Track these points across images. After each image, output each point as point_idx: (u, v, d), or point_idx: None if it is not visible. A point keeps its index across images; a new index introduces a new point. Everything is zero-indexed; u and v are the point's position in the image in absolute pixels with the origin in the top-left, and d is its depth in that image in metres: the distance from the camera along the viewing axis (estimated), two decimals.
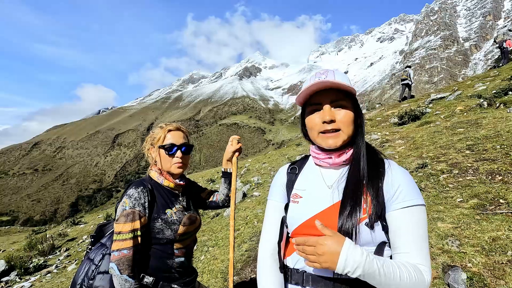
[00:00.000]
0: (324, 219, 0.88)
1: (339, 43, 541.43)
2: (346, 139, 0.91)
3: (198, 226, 1.52)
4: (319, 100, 0.92)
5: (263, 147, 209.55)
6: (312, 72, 0.99)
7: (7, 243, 15.70)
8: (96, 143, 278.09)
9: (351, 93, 0.91)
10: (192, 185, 1.65)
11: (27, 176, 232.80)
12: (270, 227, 1.04)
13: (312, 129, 0.95)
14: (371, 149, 0.97)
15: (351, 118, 0.91)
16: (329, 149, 0.94)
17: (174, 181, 1.42)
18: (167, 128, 1.43)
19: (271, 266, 0.99)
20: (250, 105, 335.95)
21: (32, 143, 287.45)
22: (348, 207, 0.85)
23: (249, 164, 13.66)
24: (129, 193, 1.28)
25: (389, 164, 0.93)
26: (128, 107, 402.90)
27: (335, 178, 0.95)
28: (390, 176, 0.89)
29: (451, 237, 2.56)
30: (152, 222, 1.30)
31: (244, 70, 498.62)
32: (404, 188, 0.86)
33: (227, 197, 1.67)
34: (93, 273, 1.29)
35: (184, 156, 1.44)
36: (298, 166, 1.08)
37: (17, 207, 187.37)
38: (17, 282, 6.46)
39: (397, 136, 7.20)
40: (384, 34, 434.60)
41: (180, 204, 1.44)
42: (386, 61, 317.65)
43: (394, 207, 0.85)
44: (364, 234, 0.83)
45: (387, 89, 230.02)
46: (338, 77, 0.91)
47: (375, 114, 12.96)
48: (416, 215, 0.84)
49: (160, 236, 1.31)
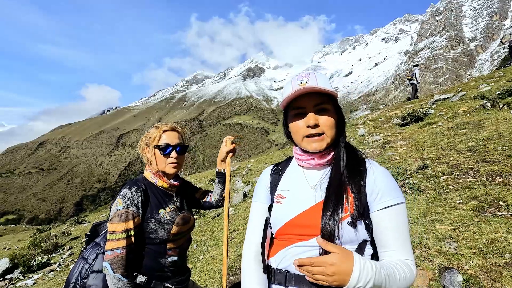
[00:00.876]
0: (308, 218, 0.90)
1: (343, 44, 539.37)
2: (329, 142, 0.94)
3: (191, 226, 1.53)
4: (302, 104, 0.93)
5: (267, 148, 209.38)
6: (293, 75, 0.98)
7: (12, 241, 15.89)
8: (101, 143, 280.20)
9: (333, 96, 0.94)
10: (187, 185, 1.65)
11: (33, 175, 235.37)
12: (254, 228, 1.05)
13: (296, 133, 0.96)
14: (352, 149, 1.00)
15: (334, 122, 0.93)
16: (313, 152, 0.96)
17: (168, 181, 1.43)
18: (162, 128, 1.44)
19: (255, 267, 1.00)
20: (253, 106, 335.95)
21: (38, 142, 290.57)
22: (331, 206, 0.87)
23: (252, 164, 13.68)
24: (122, 193, 1.29)
25: (370, 163, 0.96)
26: (133, 107, 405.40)
27: (317, 179, 0.97)
28: (371, 175, 0.92)
29: (449, 239, 2.55)
30: (146, 222, 1.31)
31: (247, 71, 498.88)
32: (386, 187, 0.89)
33: (221, 197, 1.68)
34: (87, 272, 1.30)
35: (179, 157, 1.44)
36: (281, 167, 1.10)
37: (22, 205, 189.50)
38: (21, 279, 6.55)
39: (399, 137, 7.17)
40: (388, 34, 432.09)
41: (174, 204, 1.45)
42: (391, 62, 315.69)
43: (378, 207, 0.88)
44: (346, 233, 0.85)
45: (391, 89, 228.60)
46: (320, 81, 0.92)
47: (378, 114, 12.91)
48: (399, 213, 0.87)
49: (153, 236, 1.32)
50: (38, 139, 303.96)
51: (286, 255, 0.93)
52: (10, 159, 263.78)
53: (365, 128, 10.56)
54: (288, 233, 0.93)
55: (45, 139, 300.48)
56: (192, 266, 3.82)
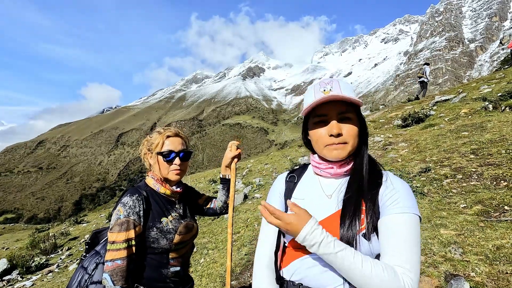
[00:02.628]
0: (325, 228, 0.85)
1: (343, 44, 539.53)
2: (351, 151, 0.91)
3: (195, 234, 1.48)
4: (325, 111, 0.90)
5: (266, 148, 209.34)
6: (316, 82, 0.97)
7: (11, 240, 15.82)
8: (100, 142, 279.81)
9: (356, 105, 0.91)
10: (190, 191, 1.61)
11: (32, 174, 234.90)
12: (266, 237, 1.03)
13: (317, 142, 0.93)
14: (372, 160, 0.97)
15: (357, 131, 0.91)
16: (333, 160, 0.93)
17: (170, 188, 1.39)
18: (165, 133, 1.38)
19: (267, 276, 0.98)
20: (253, 105, 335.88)
21: (37, 141, 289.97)
22: (349, 217, 0.85)
23: (251, 165, 13.62)
24: (123, 201, 1.24)
25: (387, 175, 0.93)
26: (132, 107, 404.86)
27: (334, 188, 0.95)
28: (386, 187, 0.89)
29: (454, 245, 2.51)
30: (147, 231, 1.26)
31: (247, 70, 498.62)
32: (400, 197, 0.85)
33: (225, 204, 1.63)
34: (86, 282, 1.25)
35: (182, 163, 1.39)
36: (296, 175, 1.07)
37: (21, 204, 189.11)
38: (19, 281, 6.49)
39: (400, 139, 7.13)
40: (388, 35, 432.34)
41: (177, 212, 1.40)
42: (390, 62, 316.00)
43: (386, 213, 0.85)
44: (362, 246, 0.82)
45: (391, 90, 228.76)
46: (345, 89, 0.90)
47: (379, 115, 12.87)
48: (408, 222, 0.81)
49: (155, 245, 1.27)
50: (38, 138, 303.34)
51: (300, 267, 0.90)
52: (9, 158, 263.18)
53: None
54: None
55: (45, 138, 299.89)
56: (193, 270, 3.78)
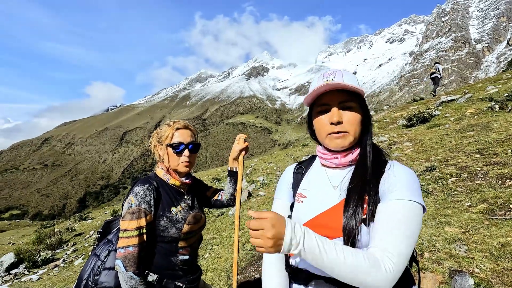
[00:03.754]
0: (328, 218, 0.88)
1: (347, 44, 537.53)
2: (353, 141, 0.91)
3: (203, 225, 1.52)
4: (327, 101, 0.91)
5: (269, 147, 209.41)
6: (320, 72, 0.98)
7: (16, 236, 16.04)
8: (104, 140, 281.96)
9: (359, 93, 0.92)
10: (198, 183, 1.64)
11: (37, 171, 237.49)
12: None
13: (320, 130, 0.94)
14: (377, 149, 0.97)
15: (358, 120, 0.91)
16: (336, 150, 0.94)
17: (180, 179, 1.42)
18: (175, 126, 1.42)
19: (275, 265, 1.00)
20: (257, 105, 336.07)
21: (42, 139, 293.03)
22: (352, 206, 0.84)
23: (255, 163, 13.67)
24: (135, 191, 1.29)
25: (392, 164, 0.91)
26: (136, 105, 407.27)
27: (340, 179, 0.94)
28: (388, 175, 0.87)
29: (458, 242, 2.52)
30: (157, 220, 1.31)
31: (251, 70, 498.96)
32: (399, 184, 0.83)
33: (232, 196, 1.66)
34: (99, 268, 1.30)
35: (191, 155, 1.43)
36: (304, 166, 1.09)
37: (26, 201, 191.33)
38: (26, 274, 6.60)
39: (405, 139, 7.11)
40: (393, 35, 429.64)
41: (186, 202, 1.44)
42: (395, 63, 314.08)
43: (383, 200, 0.83)
44: (364, 235, 0.82)
45: (396, 90, 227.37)
46: (347, 78, 0.91)
47: (383, 115, 12.83)
48: (402, 208, 0.79)
49: (165, 234, 1.31)
50: (43, 136, 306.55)
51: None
52: (15, 155, 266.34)
53: None
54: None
55: (50, 135, 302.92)
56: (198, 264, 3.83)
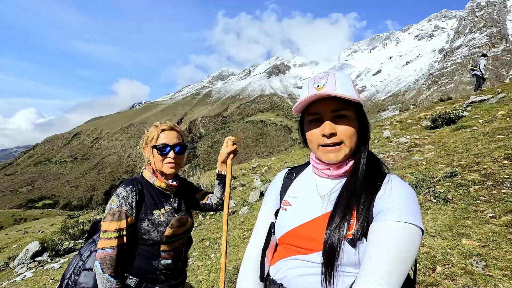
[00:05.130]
0: (310, 230, 0.83)
1: (373, 41, 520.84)
2: (348, 153, 0.84)
3: (188, 229, 1.48)
4: (318, 109, 0.84)
5: (289, 146, 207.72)
6: (310, 76, 0.90)
7: (47, 224, 17.08)
8: (129, 136, 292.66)
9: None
10: (187, 185, 1.61)
11: (67, 164, 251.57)
12: (258, 232, 1.01)
13: (311, 141, 0.88)
14: (374, 160, 0.90)
15: (354, 130, 0.83)
16: (330, 163, 0.88)
17: (166, 181, 1.40)
18: (160, 127, 1.40)
19: (253, 273, 0.96)
20: (277, 103, 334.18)
21: (73, 133, 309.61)
22: (337, 219, 0.78)
23: (271, 162, 13.58)
24: (117, 192, 1.28)
25: (390, 178, 0.84)
26: (160, 102, 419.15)
27: (329, 189, 0.89)
28: (384, 191, 0.80)
29: (476, 257, 2.31)
30: (139, 222, 1.28)
31: (273, 68, 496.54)
32: (396, 203, 0.75)
33: (221, 200, 1.63)
34: (80, 269, 1.28)
35: (177, 156, 1.41)
36: (295, 172, 1.04)
37: (58, 192, 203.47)
38: (48, 262, 6.96)
39: (427, 141, 6.74)
40: (422, 31, 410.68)
41: (171, 205, 1.41)
42: (424, 60, 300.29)
43: (376, 219, 0.76)
44: (347, 253, 0.75)
45: (423, 89, 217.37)
46: (340, 84, 0.82)
47: (407, 116, 12.27)
48: (397, 231, 0.72)
49: (146, 237, 1.28)
50: (73, 130, 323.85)
51: (282, 267, 0.87)
52: (48, 148, 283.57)
53: (391, 129, 10.07)
54: (288, 243, 0.88)
55: (79, 130, 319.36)
56: (203, 264, 3.82)
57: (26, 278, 5.71)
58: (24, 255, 7.51)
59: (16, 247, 10.59)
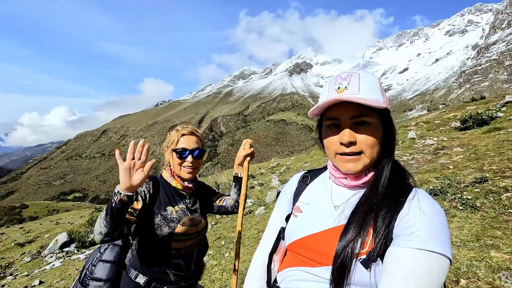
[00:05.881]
0: (319, 242, 0.78)
1: (399, 37, 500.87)
2: (368, 163, 0.77)
3: (201, 230, 1.48)
4: (337, 114, 0.77)
5: (310, 145, 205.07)
6: (332, 76, 0.81)
7: (77, 216, 18.08)
8: (153, 133, 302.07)
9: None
10: (204, 188, 1.63)
11: (96, 159, 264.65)
12: (268, 235, 0.98)
13: (328, 148, 0.81)
14: (399, 171, 0.81)
15: (376, 139, 0.75)
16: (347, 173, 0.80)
17: (182, 183, 1.44)
18: (181, 132, 1.45)
19: (259, 277, 0.94)
20: (298, 102, 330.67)
21: (101, 130, 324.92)
22: (351, 234, 0.71)
23: (291, 162, 13.47)
24: None
25: (416, 194, 0.74)
26: (183, 101, 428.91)
27: (344, 199, 0.82)
28: (409, 209, 0.71)
29: (505, 271, 2.14)
30: (152, 216, 1.33)
31: (294, 66, 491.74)
32: (423, 227, 0.66)
33: (236, 203, 1.63)
34: (97, 260, 1.35)
35: (195, 161, 1.44)
36: (311, 176, 0.98)
37: (87, 185, 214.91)
38: (75, 253, 7.35)
39: (456, 143, 6.37)
40: (454, 26, 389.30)
41: (185, 204, 1.44)
42: (455, 57, 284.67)
43: (396, 243, 0.68)
44: (358, 273, 0.69)
45: (454, 88, 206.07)
46: (364, 87, 0.75)
47: (434, 116, 11.68)
48: (427, 263, 0.62)
49: (158, 231, 1.32)
50: (102, 127, 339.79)
51: (288, 277, 0.84)
52: (79, 144, 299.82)
53: (417, 130, 9.63)
54: (296, 252, 0.83)
55: (107, 127, 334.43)
56: (217, 263, 3.85)
57: (54, 267, 6.06)
58: (54, 245, 7.98)
59: (48, 237, 11.29)
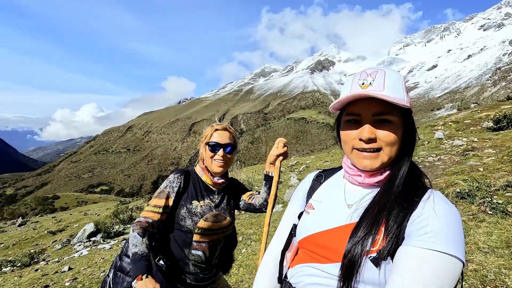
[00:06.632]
0: (330, 239, 0.78)
1: (428, 33, 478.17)
2: (386, 162, 0.76)
3: (225, 227, 1.50)
4: (358, 110, 0.76)
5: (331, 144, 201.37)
6: (357, 72, 0.80)
7: (103, 208, 19.00)
8: (176, 130, 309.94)
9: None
10: (235, 184, 1.66)
11: (122, 154, 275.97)
12: (281, 232, 1.00)
13: (345, 143, 0.80)
14: (415, 171, 0.80)
15: (396, 138, 0.74)
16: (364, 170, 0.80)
17: (211, 178, 1.49)
18: (215, 127, 1.51)
19: (270, 273, 0.96)
20: (320, 100, 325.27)
21: (127, 126, 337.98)
22: (362, 232, 0.71)
23: (310, 161, 13.33)
24: (169, 176, 1.47)
25: (431, 194, 0.73)
26: (204, 98, 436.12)
27: (358, 197, 0.82)
28: (423, 209, 0.69)
29: None
30: (179, 208, 1.41)
31: (316, 64, 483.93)
32: (437, 227, 0.64)
33: (265, 202, 1.62)
34: (126, 250, 1.45)
35: (226, 156, 1.48)
36: (325, 175, 0.99)
37: (113, 179, 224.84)
38: (101, 243, 7.73)
39: (488, 144, 6.01)
40: (489, 20, 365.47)
41: (212, 200, 1.48)
42: (490, 53, 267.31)
43: (407, 242, 0.67)
44: (367, 271, 0.68)
45: (487, 86, 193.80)
46: (389, 84, 0.73)
47: (464, 115, 11.08)
48: (438, 265, 0.60)
49: (182, 223, 1.40)
50: (127, 124, 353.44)
51: (298, 272, 0.85)
52: (106, 140, 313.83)
53: (445, 130, 9.18)
54: (306, 248, 0.85)
55: (132, 124, 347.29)
56: (234, 259, 3.90)
57: (82, 255, 6.41)
58: (82, 235, 8.44)
59: (77, 226, 11.96)
